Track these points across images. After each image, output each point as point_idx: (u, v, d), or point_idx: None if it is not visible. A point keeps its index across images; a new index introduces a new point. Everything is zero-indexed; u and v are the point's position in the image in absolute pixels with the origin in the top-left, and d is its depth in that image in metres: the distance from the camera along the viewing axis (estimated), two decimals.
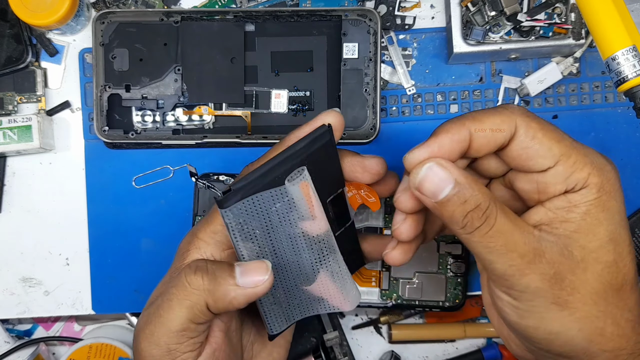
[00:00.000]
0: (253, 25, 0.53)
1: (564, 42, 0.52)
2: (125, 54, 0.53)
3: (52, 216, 0.55)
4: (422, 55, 0.55)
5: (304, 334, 0.57)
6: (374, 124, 0.52)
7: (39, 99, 0.55)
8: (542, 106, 0.55)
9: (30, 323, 0.63)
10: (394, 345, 0.62)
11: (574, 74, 0.55)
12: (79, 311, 0.56)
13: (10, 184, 0.55)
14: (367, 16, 0.52)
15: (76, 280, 0.56)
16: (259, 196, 0.33)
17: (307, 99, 0.54)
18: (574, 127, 0.55)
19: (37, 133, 0.52)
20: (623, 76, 0.40)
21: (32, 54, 0.54)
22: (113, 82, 0.53)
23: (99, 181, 0.55)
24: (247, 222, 0.34)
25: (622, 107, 0.55)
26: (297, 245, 0.36)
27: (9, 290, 0.56)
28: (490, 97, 0.55)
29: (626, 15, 0.41)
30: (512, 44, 0.52)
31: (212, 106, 0.53)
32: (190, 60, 0.53)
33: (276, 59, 0.53)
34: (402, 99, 0.55)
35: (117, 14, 0.52)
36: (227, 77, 0.53)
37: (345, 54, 0.53)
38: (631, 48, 0.40)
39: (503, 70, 0.55)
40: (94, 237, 0.55)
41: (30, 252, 0.56)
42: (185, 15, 0.53)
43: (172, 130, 0.53)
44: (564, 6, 0.52)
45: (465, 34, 0.52)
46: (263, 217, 0.34)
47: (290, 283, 0.38)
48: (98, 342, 0.58)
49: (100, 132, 0.52)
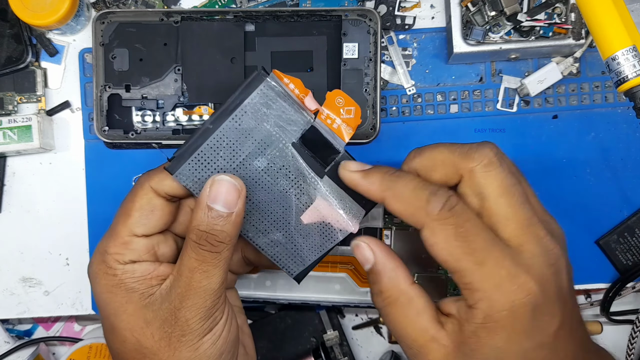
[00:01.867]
0: (253, 25, 0.53)
1: (564, 42, 0.52)
2: (125, 54, 0.53)
3: (52, 216, 0.55)
4: (422, 55, 0.55)
5: (304, 334, 0.57)
6: (374, 124, 0.52)
7: (39, 99, 0.55)
8: (542, 106, 0.55)
9: (30, 323, 0.63)
10: (394, 345, 0.62)
11: (574, 74, 0.55)
12: (79, 311, 0.56)
13: (10, 184, 0.55)
14: (367, 16, 0.52)
15: (76, 280, 0.56)
16: (202, 149, 0.37)
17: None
18: (574, 127, 0.55)
19: (37, 133, 0.52)
20: (623, 76, 0.40)
21: (32, 54, 0.54)
22: (113, 82, 0.53)
23: (99, 181, 0.55)
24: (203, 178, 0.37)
25: (622, 107, 0.55)
26: (264, 180, 0.38)
27: (9, 290, 0.56)
28: (490, 97, 0.55)
29: (626, 15, 0.41)
30: (512, 44, 0.52)
31: (212, 106, 0.53)
32: (190, 60, 0.53)
33: (276, 59, 0.53)
34: (402, 99, 0.55)
35: (117, 14, 0.52)
36: (227, 77, 0.53)
37: (345, 54, 0.53)
38: (631, 48, 0.40)
39: (503, 70, 0.55)
40: (94, 237, 0.55)
41: (30, 252, 0.56)
42: (185, 15, 0.53)
43: (172, 130, 0.53)
44: (564, 6, 0.52)
45: (465, 34, 0.52)
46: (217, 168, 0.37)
47: (283, 222, 0.39)
48: (98, 342, 0.58)
49: (100, 132, 0.52)
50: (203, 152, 0.37)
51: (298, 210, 0.38)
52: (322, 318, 0.58)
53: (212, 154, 0.37)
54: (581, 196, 0.55)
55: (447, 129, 0.55)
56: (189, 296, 0.36)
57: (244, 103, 0.37)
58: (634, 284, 0.56)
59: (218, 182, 0.36)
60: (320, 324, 0.58)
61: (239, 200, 0.36)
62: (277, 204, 0.38)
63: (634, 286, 0.56)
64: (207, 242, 0.36)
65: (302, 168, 0.38)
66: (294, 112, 0.37)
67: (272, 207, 0.38)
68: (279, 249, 0.39)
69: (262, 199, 0.38)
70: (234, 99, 0.37)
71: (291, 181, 0.38)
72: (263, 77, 0.37)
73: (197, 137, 0.37)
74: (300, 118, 0.37)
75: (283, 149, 0.37)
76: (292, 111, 0.37)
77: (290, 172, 0.38)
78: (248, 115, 0.37)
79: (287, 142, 0.37)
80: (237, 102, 0.37)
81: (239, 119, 0.37)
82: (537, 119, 0.55)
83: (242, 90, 0.37)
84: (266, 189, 0.38)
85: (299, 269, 0.40)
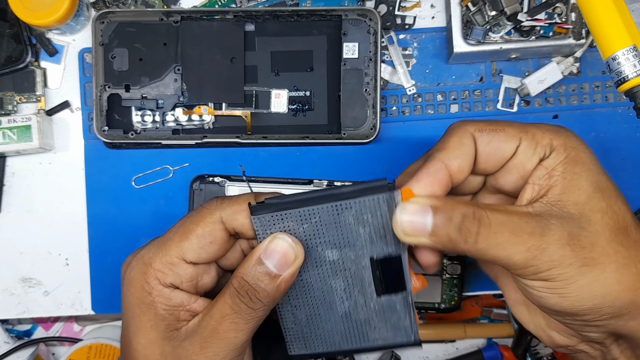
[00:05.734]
0: (253, 25, 0.53)
1: (564, 42, 0.52)
2: (125, 54, 0.53)
3: (52, 216, 0.55)
4: (423, 55, 0.55)
5: None
6: (374, 124, 0.52)
7: (39, 99, 0.55)
8: (543, 106, 0.55)
9: (30, 323, 0.63)
10: None
11: (575, 74, 0.55)
12: (79, 311, 0.56)
13: (10, 184, 0.55)
14: (367, 16, 0.52)
15: (76, 281, 0.56)
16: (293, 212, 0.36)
17: (307, 98, 0.53)
18: (575, 127, 0.54)
19: (36, 133, 0.52)
20: (623, 76, 0.40)
21: (31, 53, 0.54)
22: (113, 82, 0.53)
23: (99, 181, 0.55)
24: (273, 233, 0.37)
25: (622, 107, 0.55)
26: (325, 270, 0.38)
27: (9, 290, 0.56)
28: (491, 97, 0.55)
29: (626, 15, 0.41)
30: (512, 43, 0.52)
31: (212, 106, 0.53)
32: (190, 60, 0.53)
33: (276, 59, 0.53)
34: (402, 98, 0.55)
35: (117, 14, 0.52)
36: (227, 77, 0.53)
37: (346, 53, 0.53)
38: (632, 48, 0.40)
39: (503, 70, 0.55)
40: (94, 237, 0.55)
41: (30, 252, 0.55)
42: (185, 15, 0.52)
43: (171, 130, 0.53)
44: (565, 6, 0.52)
45: (466, 34, 0.52)
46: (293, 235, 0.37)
47: (315, 310, 0.39)
48: (98, 343, 0.58)
49: (100, 132, 0.52)
50: (292, 214, 0.36)
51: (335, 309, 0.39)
52: None
53: (298, 221, 0.36)
54: None
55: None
56: (211, 344, 0.35)
57: (356, 200, 0.36)
58: None
59: (279, 240, 0.35)
60: None
61: (292, 266, 0.35)
62: (321, 294, 0.38)
63: None
64: (246, 295, 0.35)
65: (365, 280, 0.38)
66: (392, 235, 0.36)
67: (314, 293, 0.38)
68: (295, 326, 0.39)
69: (311, 283, 0.38)
70: (352, 190, 0.36)
71: (347, 284, 0.38)
72: (391, 189, 0.36)
73: (297, 200, 0.36)
74: (394, 244, 0.37)
75: (360, 256, 0.37)
76: (391, 234, 0.36)
77: (352, 278, 0.38)
78: (352, 212, 0.36)
79: (368, 253, 0.37)
80: (351, 195, 0.36)
81: (342, 210, 0.36)
82: (537, 119, 0.55)
83: (364, 189, 0.36)
84: (320, 277, 0.38)
85: (301, 351, 0.40)
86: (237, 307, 0.35)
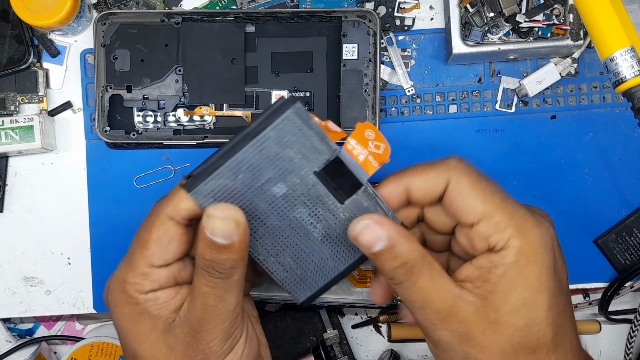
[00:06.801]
0: (253, 26, 0.53)
1: (562, 43, 0.52)
2: (126, 55, 0.53)
3: (54, 216, 0.56)
4: (421, 56, 0.55)
5: (304, 332, 0.58)
6: (374, 125, 0.52)
7: (41, 100, 0.55)
8: (541, 107, 0.55)
9: (32, 322, 0.63)
10: (393, 344, 0.62)
11: (573, 75, 0.55)
12: (81, 310, 0.56)
13: (12, 184, 0.55)
14: (366, 17, 0.53)
15: (78, 280, 0.56)
16: (221, 171, 0.36)
17: (307, 99, 0.54)
18: (572, 127, 0.55)
19: (38, 133, 0.53)
20: (621, 77, 0.41)
21: (33, 54, 0.54)
22: (114, 82, 0.53)
23: (101, 181, 0.55)
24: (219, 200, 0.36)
25: (620, 108, 0.55)
26: (281, 206, 0.37)
27: (11, 289, 0.56)
28: (489, 98, 0.55)
29: (624, 16, 0.41)
30: (510, 44, 0.52)
31: (213, 107, 0.54)
32: (191, 61, 0.53)
33: (276, 60, 0.54)
34: (402, 99, 0.55)
35: (119, 15, 0.52)
36: (227, 78, 0.53)
37: (345, 55, 0.53)
38: (629, 49, 0.41)
39: (502, 70, 0.55)
40: (96, 236, 0.55)
41: (32, 252, 0.56)
42: (186, 16, 0.53)
43: (173, 130, 0.54)
44: (563, 7, 0.52)
45: (464, 35, 0.52)
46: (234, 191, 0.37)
47: (295, 248, 0.38)
48: (99, 341, 0.59)
49: (102, 132, 0.53)
50: (221, 172, 0.36)
51: (312, 237, 0.38)
52: (321, 317, 0.58)
53: (231, 175, 0.36)
54: (579, 196, 0.55)
55: (446, 129, 0.55)
56: (206, 320, 0.36)
57: (268, 127, 0.36)
58: (632, 283, 0.56)
59: (213, 213, 0.35)
60: (320, 322, 0.58)
61: (239, 229, 0.35)
62: (291, 230, 0.38)
63: (632, 285, 0.56)
64: (214, 270, 0.35)
65: (322, 195, 0.37)
66: (319, 140, 0.36)
67: (285, 233, 0.38)
68: (288, 274, 0.39)
69: (277, 224, 0.38)
70: (259, 123, 0.36)
71: (309, 209, 0.38)
72: (291, 103, 0.36)
73: (217, 158, 0.36)
74: (326, 147, 0.36)
75: (304, 177, 0.37)
76: (317, 140, 0.36)
77: (310, 199, 0.37)
78: (271, 141, 0.36)
79: (309, 170, 0.37)
80: (262, 127, 0.36)
81: (262, 144, 0.36)
82: (535, 120, 0.55)
83: (268, 115, 0.36)
84: (282, 215, 0.37)
85: (306, 294, 0.39)
86: (211, 283, 0.36)
